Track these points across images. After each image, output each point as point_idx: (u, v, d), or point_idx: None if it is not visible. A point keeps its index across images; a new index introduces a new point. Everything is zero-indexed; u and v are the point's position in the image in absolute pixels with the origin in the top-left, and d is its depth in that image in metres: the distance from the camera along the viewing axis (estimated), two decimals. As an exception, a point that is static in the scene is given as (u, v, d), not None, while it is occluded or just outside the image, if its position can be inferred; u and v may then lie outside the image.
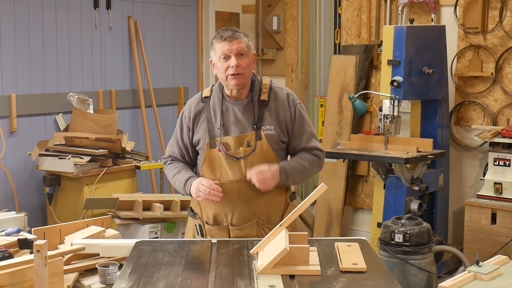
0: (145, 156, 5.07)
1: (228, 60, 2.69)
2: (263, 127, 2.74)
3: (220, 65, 2.70)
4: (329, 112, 5.52)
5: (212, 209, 2.79)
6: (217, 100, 2.79)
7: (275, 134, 2.75)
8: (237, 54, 2.68)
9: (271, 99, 2.78)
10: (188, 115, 2.82)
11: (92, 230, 2.97)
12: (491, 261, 2.91)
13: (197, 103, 2.83)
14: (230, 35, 2.69)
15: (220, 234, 2.79)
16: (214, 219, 2.80)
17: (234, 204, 2.75)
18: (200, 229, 2.83)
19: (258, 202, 2.76)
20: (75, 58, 5.05)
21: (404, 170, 4.41)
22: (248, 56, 2.72)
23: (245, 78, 2.72)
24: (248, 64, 2.71)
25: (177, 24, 5.80)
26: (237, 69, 2.67)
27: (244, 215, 2.76)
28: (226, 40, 2.68)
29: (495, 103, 4.87)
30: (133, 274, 2.21)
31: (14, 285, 2.31)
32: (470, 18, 4.86)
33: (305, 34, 5.86)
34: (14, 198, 4.66)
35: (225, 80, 2.72)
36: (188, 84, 5.93)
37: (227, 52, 2.68)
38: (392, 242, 3.92)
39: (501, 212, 4.44)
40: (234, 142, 2.73)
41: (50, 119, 4.93)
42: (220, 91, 2.80)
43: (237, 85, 2.70)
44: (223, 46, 2.69)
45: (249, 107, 2.76)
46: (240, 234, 2.76)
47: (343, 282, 2.12)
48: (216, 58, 2.73)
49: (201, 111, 2.80)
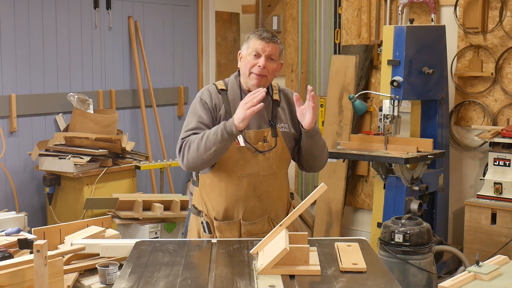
0: (145, 156, 5.08)
1: (257, 59, 2.74)
2: (278, 125, 2.80)
3: (249, 59, 2.75)
4: (329, 112, 5.52)
5: (223, 203, 2.76)
6: (236, 93, 2.81)
7: (290, 131, 2.83)
8: (268, 56, 2.74)
9: (282, 100, 2.87)
10: (210, 101, 2.78)
11: (92, 230, 2.97)
12: (491, 261, 2.91)
13: (216, 93, 2.81)
14: (269, 37, 2.75)
15: (230, 229, 2.76)
16: (225, 214, 2.77)
17: (248, 198, 2.76)
18: (208, 226, 2.80)
19: (271, 197, 2.79)
20: (75, 58, 5.05)
21: (404, 170, 4.41)
22: (276, 62, 2.78)
23: (266, 82, 2.78)
24: (274, 69, 2.78)
25: (177, 24, 5.80)
26: (262, 71, 2.73)
27: (257, 210, 2.77)
28: (264, 40, 2.74)
29: (495, 103, 4.87)
30: (133, 274, 2.21)
31: (14, 285, 2.31)
32: (470, 18, 4.86)
33: (305, 34, 5.86)
34: (14, 198, 4.66)
35: (247, 76, 2.76)
36: (188, 84, 5.93)
37: (260, 51, 2.73)
38: (392, 242, 3.92)
39: (501, 212, 4.44)
40: (254, 137, 2.75)
41: (50, 119, 4.93)
42: (237, 85, 2.83)
43: (257, 85, 2.74)
44: (258, 44, 2.74)
45: (266, 104, 2.79)
46: (252, 229, 2.76)
47: (343, 282, 2.12)
48: (247, 52, 2.77)
49: (220, 101, 2.80)
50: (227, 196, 2.74)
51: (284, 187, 2.86)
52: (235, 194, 2.74)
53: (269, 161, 2.76)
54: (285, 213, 2.85)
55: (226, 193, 2.74)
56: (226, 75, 6.03)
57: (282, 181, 2.84)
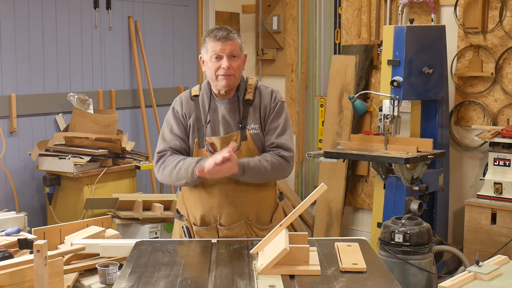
0: (145, 156, 5.08)
1: (219, 61, 2.68)
2: (248, 127, 2.73)
3: (211, 65, 2.69)
4: (329, 112, 5.52)
5: (199, 210, 2.78)
6: (206, 99, 2.78)
7: (260, 133, 2.75)
8: (229, 55, 2.68)
9: (256, 97, 2.78)
10: (181, 110, 2.79)
11: (92, 230, 2.97)
12: (491, 261, 2.91)
13: (187, 100, 2.81)
14: (225, 35, 2.67)
15: (209, 234, 2.77)
16: (202, 219, 2.78)
17: (222, 204, 2.74)
18: (188, 230, 2.81)
19: (246, 203, 2.75)
20: (75, 58, 5.05)
21: (404, 170, 4.41)
22: (239, 58, 2.72)
23: (235, 80, 2.72)
24: (239, 65, 2.71)
25: (177, 24, 5.80)
26: (228, 71, 2.67)
27: (233, 215, 2.75)
28: (220, 40, 2.67)
29: (495, 103, 4.87)
30: (133, 274, 2.21)
31: (14, 285, 2.31)
32: (470, 18, 4.86)
33: (305, 34, 5.85)
34: (14, 198, 4.66)
35: (215, 80, 2.71)
36: (188, 84, 5.93)
37: (219, 52, 2.67)
38: (392, 242, 3.92)
39: (501, 212, 4.44)
40: (221, 143, 2.72)
41: (50, 119, 4.93)
42: (208, 90, 2.80)
43: (226, 86, 2.70)
44: (216, 46, 2.67)
45: (235, 106, 2.75)
46: (229, 234, 2.75)
47: (343, 282, 2.12)
48: (207, 57, 2.72)
49: (191, 109, 2.79)
50: (202, 203, 2.75)
51: (263, 189, 2.76)
52: (209, 201, 2.74)
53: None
54: (270, 215, 2.82)
55: (200, 200, 2.75)
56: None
57: (259, 184, 2.75)
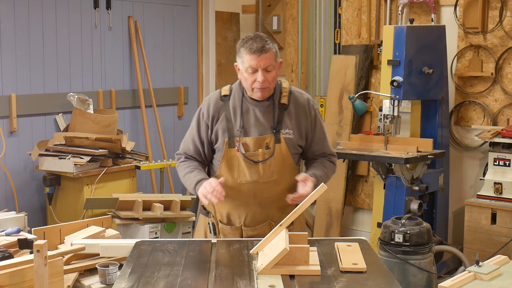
0: (145, 156, 5.07)
1: (255, 74, 2.66)
2: (282, 131, 2.75)
3: (247, 76, 2.68)
4: (329, 112, 5.52)
5: (226, 209, 2.79)
6: (238, 100, 2.78)
7: (294, 138, 2.77)
8: (264, 69, 2.66)
9: (291, 103, 2.79)
10: (207, 113, 2.79)
11: (92, 230, 2.97)
12: (491, 261, 2.91)
13: (216, 101, 2.80)
14: (260, 48, 2.63)
15: (233, 234, 2.80)
16: (228, 218, 2.81)
17: (249, 205, 2.76)
18: (213, 227, 2.83)
19: (272, 204, 2.77)
20: (75, 58, 5.05)
21: (404, 170, 4.41)
22: (275, 69, 2.70)
23: (270, 91, 2.73)
24: (274, 77, 2.70)
25: (177, 24, 5.80)
26: (263, 84, 2.67)
27: (258, 216, 2.77)
28: (255, 54, 2.63)
29: (495, 103, 4.87)
30: (133, 274, 2.21)
31: (14, 285, 2.31)
32: (470, 18, 4.86)
33: (305, 34, 5.86)
34: (14, 198, 4.66)
35: (250, 91, 2.72)
36: (188, 84, 5.93)
37: (255, 66, 2.65)
38: (392, 242, 3.92)
39: (501, 212, 4.44)
40: (254, 144, 2.73)
41: (50, 119, 4.93)
42: (240, 91, 2.79)
43: (262, 97, 2.72)
44: (251, 59, 2.64)
45: (270, 109, 2.76)
46: (253, 234, 2.77)
47: (343, 282, 2.12)
48: (242, 68, 2.70)
49: (220, 110, 2.78)
50: (229, 201, 2.75)
51: (288, 193, 2.76)
52: (236, 200, 2.75)
53: (270, 169, 2.73)
54: None
55: (227, 198, 2.73)
56: (226, 75, 6.06)
57: (285, 187, 2.77)
